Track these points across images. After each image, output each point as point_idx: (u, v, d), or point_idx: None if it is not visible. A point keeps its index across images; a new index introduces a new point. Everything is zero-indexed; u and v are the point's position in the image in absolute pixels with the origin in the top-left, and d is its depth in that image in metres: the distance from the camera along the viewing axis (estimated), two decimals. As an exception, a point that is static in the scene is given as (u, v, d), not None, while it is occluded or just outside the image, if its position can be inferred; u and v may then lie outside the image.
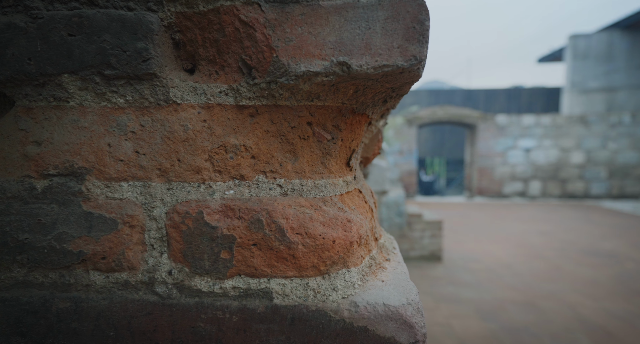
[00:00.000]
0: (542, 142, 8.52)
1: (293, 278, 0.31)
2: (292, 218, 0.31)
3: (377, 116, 0.48)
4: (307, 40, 0.28)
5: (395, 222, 3.97)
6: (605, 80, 11.45)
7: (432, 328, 2.50)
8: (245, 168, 0.32)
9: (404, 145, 8.75)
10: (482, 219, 6.33)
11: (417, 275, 3.55)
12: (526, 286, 3.22)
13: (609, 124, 8.31)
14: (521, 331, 2.40)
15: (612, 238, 4.86)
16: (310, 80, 0.30)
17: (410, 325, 0.30)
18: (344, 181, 0.37)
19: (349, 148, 0.38)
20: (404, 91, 0.37)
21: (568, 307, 2.77)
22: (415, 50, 0.28)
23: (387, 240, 0.48)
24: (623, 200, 8.30)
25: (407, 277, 0.37)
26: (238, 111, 0.32)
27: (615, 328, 2.41)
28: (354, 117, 0.37)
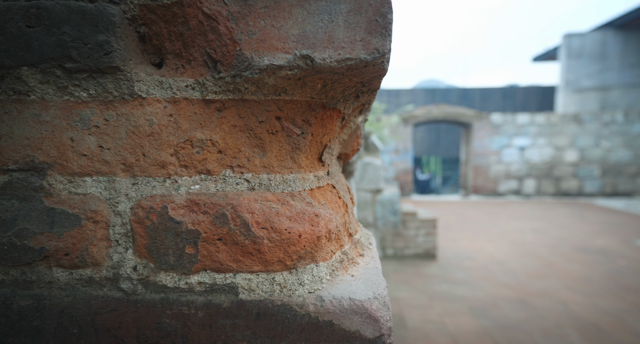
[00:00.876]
0: (537, 141, 8.59)
1: (259, 273, 0.31)
2: (257, 213, 0.30)
3: (352, 111, 0.48)
4: (270, 34, 0.28)
5: (390, 220, 3.99)
6: (599, 79, 11.55)
7: (425, 326, 2.51)
8: (212, 163, 0.32)
9: (400, 144, 8.77)
10: (477, 217, 6.37)
11: (412, 273, 3.57)
12: (519, 283, 3.25)
13: (602, 123, 8.39)
14: (513, 328, 2.43)
15: (604, 235, 4.91)
16: (274, 74, 0.30)
17: (375, 319, 0.30)
18: (315, 176, 0.37)
19: (321, 143, 0.38)
20: (374, 86, 0.37)
21: (559, 303, 2.80)
22: (378, 44, 0.28)
23: (363, 236, 0.48)
24: (616, 197, 8.39)
25: (378, 272, 0.37)
26: (205, 105, 0.32)
27: (605, 323, 2.44)
28: (325, 111, 0.37)
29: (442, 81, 20.80)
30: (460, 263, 3.81)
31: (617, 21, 11.06)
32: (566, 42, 11.83)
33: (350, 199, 0.47)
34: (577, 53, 11.77)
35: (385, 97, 13.18)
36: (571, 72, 11.79)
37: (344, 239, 0.39)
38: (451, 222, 5.90)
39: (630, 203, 7.57)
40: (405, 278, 3.43)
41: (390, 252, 4.04)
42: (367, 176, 3.92)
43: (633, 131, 8.33)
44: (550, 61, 14.17)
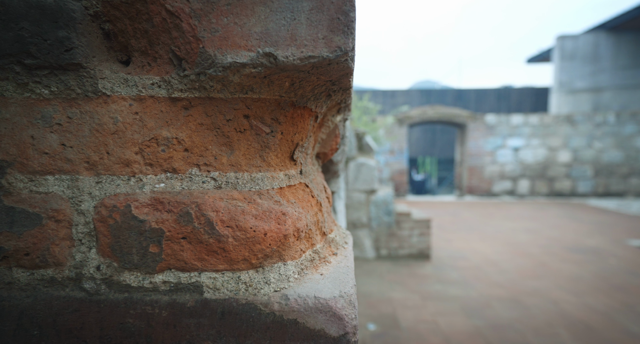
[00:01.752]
0: (530, 141, 8.67)
1: (224, 272, 0.31)
2: (222, 211, 0.30)
3: (330, 111, 0.48)
4: (233, 31, 0.28)
5: (384, 221, 4.00)
6: (592, 80, 11.69)
7: (418, 326, 2.52)
8: (178, 161, 0.31)
9: (395, 145, 8.80)
10: (472, 217, 6.41)
11: (406, 273, 3.58)
12: (512, 283, 3.27)
13: (594, 124, 8.49)
14: (505, 327, 2.44)
15: (596, 235, 4.96)
16: (239, 72, 0.29)
17: (340, 317, 0.30)
18: (285, 175, 0.37)
19: (292, 142, 0.38)
20: (345, 85, 0.37)
21: (551, 303, 2.82)
22: (340, 42, 0.28)
23: (339, 235, 0.48)
24: (608, 197, 8.49)
25: (348, 271, 0.37)
26: (171, 103, 0.31)
27: (595, 322, 2.46)
28: (295, 110, 0.37)
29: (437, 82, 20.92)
30: (454, 263, 3.83)
31: (609, 23, 11.21)
32: (559, 43, 11.96)
33: (326, 198, 0.47)
34: (570, 55, 11.90)
35: (381, 98, 13.22)
36: (564, 74, 11.92)
37: (315, 238, 0.39)
38: (446, 222, 5.93)
39: (622, 203, 7.66)
40: (399, 278, 3.44)
41: (384, 252, 4.05)
42: (361, 177, 3.93)
43: (624, 132, 8.44)
44: (544, 62, 14.32)
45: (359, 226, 4.01)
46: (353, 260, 0.44)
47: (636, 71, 11.35)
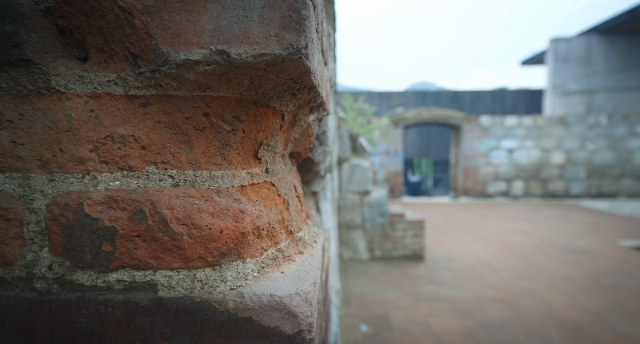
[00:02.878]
0: (524, 143, 8.73)
1: (180, 270, 0.30)
2: (177, 209, 0.30)
3: (301, 110, 0.48)
4: (186, 28, 0.28)
5: (378, 222, 4.00)
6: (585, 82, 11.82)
7: (410, 327, 2.52)
8: (134, 159, 0.31)
9: (390, 146, 8.83)
10: (466, 219, 6.43)
11: (399, 274, 3.58)
12: (504, 283, 3.28)
13: (587, 125, 8.58)
14: (496, 328, 2.45)
15: (588, 235, 5.00)
16: (193, 69, 0.29)
17: (294, 315, 0.30)
18: (248, 173, 0.37)
19: (255, 141, 0.38)
20: (307, 83, 0.37)
21: (542, 303, 2.84)
22: (292, 39, 0.28)
23: (309, 234, 0.48)
24: (601, 198, 8.57)
25: (312, 269, 0.37)
26: (129, 101, 0.31)
27: (585, 322, 2.48)
28: (257, 109, 0.37)
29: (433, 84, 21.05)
30: (448, 264, 3.84)
31: (601, 27, 11.36)
32: (553, 46, 12.09)
33: (296, 197, 0.47)
34: (563, 57, 12.03)
35: (377, 100, 13.27)
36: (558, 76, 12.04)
37: (280, 236, 0.39)
38: (440, 224, 5.95)
39: (614, 204, 7.73)
40: (392, 279, 3.44)
41: (378, 253, 4.05)
42: (355, 178, 3.94)
43: (616, 133, 8.54)
44: (538, 65, 14.46)
45: (353, 227, 4.01)
46: (321, 258, 0.44)
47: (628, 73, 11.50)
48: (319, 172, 0.82)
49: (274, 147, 0.43)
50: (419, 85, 23.45)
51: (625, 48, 11.43)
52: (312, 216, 0.84)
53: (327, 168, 0.95)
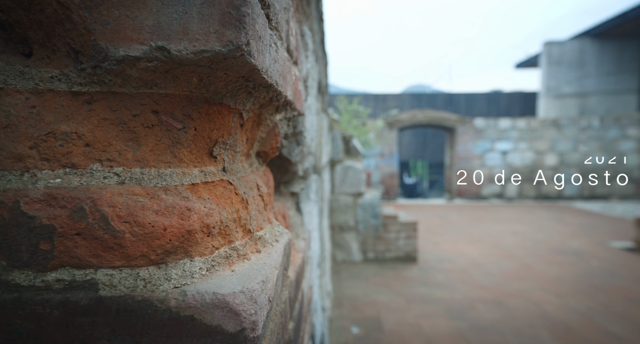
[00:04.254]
0: (518, 145, 8.80)
1: (122, 268, 0.30)
2: (120, 207, 0.30)
3: (259, 109, 0.48)
4: (125, 24, 0.28)
5: (371, 224, 4.00)
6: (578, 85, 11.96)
7: (401, 328, 2.52)
8: (78, 157, 0.31)
9: (385, 148, 8.85)
10: (460, 220, 6.45)
11: (392, 276, 3.58)
12: (496, 285, 3.29)
13: (579, 128, 8.66)
14: (487, 329, 2.45)
15: (580, 237, 5.04)
16: (135, 66, 0.29)
17: (237, 313, 0.29)
18: (201, 171, 0.37)
19: (209, 139, 0.38)
20: (260, 81, 0.37)
21: (533, 304, 2.84)
22: (232, 36, 0.28)
23: (271, 233, 0.47)
24: (593, 200, 8.64)
25: (265, 267, 0.37)
26: (73, 97, 0.31)
27: (575, 322, 2.49)
28: (210, 106, 0.36)
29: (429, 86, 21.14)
30: (441, 266, 3.85)
31: (593, 30, 11.51)
32: (546, 49, 12.23)
33: (259, 196, 0.47)
34: (557, 60, 12.17)
35: (373, 102, 13.31)
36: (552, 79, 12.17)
37: (234, 235, 0.38)
38: (434, 225, 5.96)
39: (606, 206, 7.80)
40: (385, 281, 3.44)
41: (371, 255, 4.05)
42: (348, 180, 3.94)
43: (608, 136, 8.63)
44: (532, 68, 14.61)
45: (346, 229, 4.01)
46: (280, 257, 0.43)
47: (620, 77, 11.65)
48: (296, 172, 0.82)
49: (233, 146, 0.43)
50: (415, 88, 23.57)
51: (617, 51, 11.59)
52: (290, 217, 0.84)
53: (307, 169, 0.95)
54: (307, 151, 0.91)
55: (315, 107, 1.22)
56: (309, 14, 0.92)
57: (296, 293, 0.61)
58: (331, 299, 2.89)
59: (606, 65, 11.74)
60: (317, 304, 1.35)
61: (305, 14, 0.85)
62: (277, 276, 0.41)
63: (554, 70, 12.15)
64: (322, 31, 1.61)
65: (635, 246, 4.22)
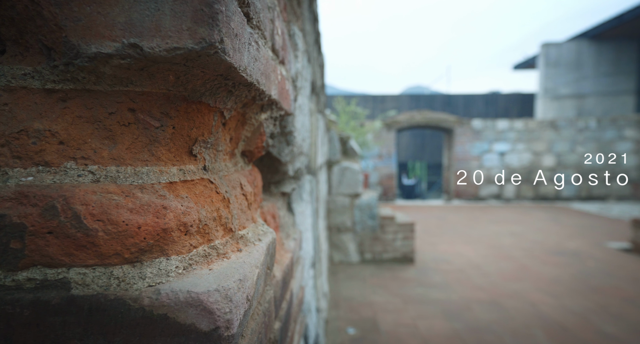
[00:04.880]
0: (516, 146, 8.82)
1: (96, 267, 0.30)
2: (93, 205, 0.30)
3: (243, 108, 0.47)
4: (97, 21, 0.28)
5: (368, 225, 4.00)
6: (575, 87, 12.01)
7: (397, 329, 2.51)
8: (51, 154, 0.31)
9: (383, 149, 8.86)
10: (458, 221, 6.45)
11: (389, 277, 3.57)
12: (493, 285, 3.29)
13: (576, 129, 8.69)
14: (483, 330, 2.45)
15: (577, 238, 5.04)
16: (108, 63, 0.29)
17: (210, 311, 0.29)
18: (179, 170, 0.37)
19: (188, 137, 0.37)
20: (239, 79, 0.37)
21: (530, 305, 2.84)
22: (205, 33, 0.28)
23: (254, 232, 0.47)
24: (591, 201, 8.66)
25: (243, 266, 0.37)
26: (47, 95, 0.31)
27: (571, 323, 2.49)
28: (189, 105, 0.36)
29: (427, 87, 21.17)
30: (438, 267, 3.84)
31: (590, 32, 11.57)
32: (544, 51, 12.28)
33: (242, 195, 0.47)
34: (554, 62, 12.22)
35: (371, 103, 13.33)
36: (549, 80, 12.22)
37: (214, 234, 0.38)
38: (432, 226, 5.96)
39: (603, 207, 7.82)
40: (382, 282, 3.43)
41: (368, 256, 4.04)
42: (345, 181, 3.94)
43: (605, 137, 8.66)
44: (530, 69, 14.67)
45: (343, 230, 4.00)
46: (262, 256, 0.43)
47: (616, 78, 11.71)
48: (286, 172, 0.82)
49: (215, 145, 0.43)
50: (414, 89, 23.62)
51: (614, 53, 11.65)
52: (280, 217, 0.84)
53: (298, 170, 0.95)
54: (298, 151, 0.91)
55: (308, 107, 1.22)
56: (300, 15, 0.92)
57: (283, 293, 0.61)
58: (328, 300, 2.88)
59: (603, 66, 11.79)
60: (310, 305, 1.35)
61: (296, 14, 0.85)
62: (258, 275, 0.41)
63: (552, 72, 12.20)
64: (316, 32, 1.61)
65: (632, 246, 4.23)
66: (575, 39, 12.04)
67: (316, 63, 1.71)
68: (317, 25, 1.61)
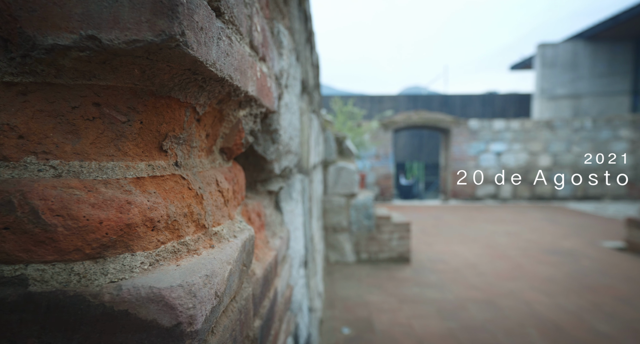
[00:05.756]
0: (512, 146, 8.85)
1: (55, 263, 0.29)
2: (53, 200, 0.29)
3: (219, 104, 0.47)
4: (53, 11, 0.27)
5: (364, 225, 4.00)
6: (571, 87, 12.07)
7: (392, 329, 2.51)
8: (10, 149, 0.30)
9: (380, 149, 8.86)
10: (454, 221, 6.46)
11: (385, 276, 3.57)
12: (488, 285, 3.29)
13: (572, 129, 8.73)
14: (478, 329, 2.45)
15: (573, 237, 5.06)
16: (67, 55, 0.29)
17: (172, 307, 0.29)
18: (148, 165, 0.36)
19: (158, 133, 0.37)
20: (208, 74, 0.36)
21: (524, 304, 2.85)
22: (164, 25, 0.28)
23: (229, 229, 0.47)
24: (586, 201, 8.70)
25: (213, 262, 0.36)
26: (5, 88, 0.30)
27: (565, 321, 2.50)
28: (157, 100, 0.36)
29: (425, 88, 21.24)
30: (434, 266, 3.85)
31: (586, 33, 11.64)
32: (540, 51, 12.34)
33: (218, 192, 0.47)
34: (550, 62, 12.27)
35: (369, 103, 13.34)
36: (546, 81, 12.28)
37: (185, 230, 0.38)
38: (428, 226, 5.96)
39: (599, 206, 7.86)
40: (377, 282, 3.43)
41: (364, 256, 4.04)
42: (341, 181, 3.94)
43: (601, 137, 8.71)
44: (526, 70, 14.73)
45: (339, 230, 4.00)
46: (237, 252, 0.43)
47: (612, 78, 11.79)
48: (272, 170, 0.81)
49: (188, 141, 0.43)
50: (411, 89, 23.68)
51: (609, 54, 11.73)
52: (267, 215, 0.83)
53: (285, 168, 0.95)
54: (285, 150, 0.91)
55: (298, 106, 1.22)
56: (287, 13, 0.92)
57: (264, 291, 0.61)
58: (323, 300, 2.88)
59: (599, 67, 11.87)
60: (302, 304, 1.34)
61: (282, 12, 0.84)
62: (231, 272, 0.41)
63: (548, 72, 12.27)
64: (307, 30, 1.61)
65: (626, 246, 4.25)
66: (571, 40, 12.11)
67: (308, 62, 1.71)
68: (308, 24, 1.61)
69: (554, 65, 12.24)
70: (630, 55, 11.49)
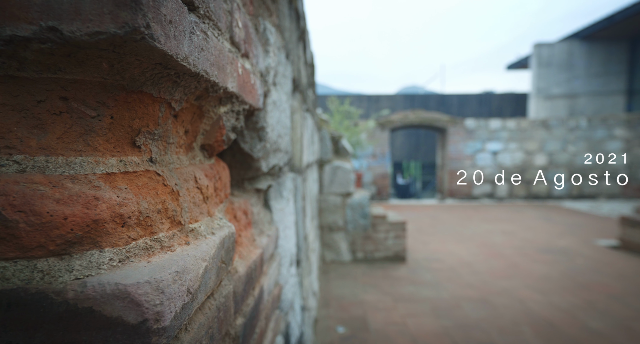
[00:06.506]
0: (508, 145, 8.89)
1: (17, 260, 0.29)
2: (15, 195, 0.29)
3: (206, 101, 0.47)
4: (10, 2, 0.27)
5: (360, 224, 4.00)
6: (567, 87, 12.14)
7: (387, 328, 2.51)
8: (-28, 143, 0.30)
9: (377, 148, 8.87)
10: (451, 220, 6.48)
11: (380, 275, 3.58)
12: (483, 283, 3.31)
13: (568, 128, 8.78)
14: (472, 327, 2.46)
15: (567, 235, 5.09)
16: (28, 47, 0.28)
17: (138, 304, 0.28)
18: (119, 161, 0.36)
19: (130, 128, 0.36)
20: (179, 69, 0.36)
21: (519, 302, 2.86)
22: (127, 17, 0.27)
23: (207, 226, 0.46)
24: (581, 199, 8.76)
25: (186, 259, 0.36)
26: (-32, 82, 0.30)
27: (558, 319, 2.51)
28: (129, 95, 0.35)
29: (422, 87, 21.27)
30: (429, 265, 3.86)
31: (581, 33, 11.71)
32: (536, 51, 12.39)
33: (196, 188, 0.46)
34: (546, 62, 12.33)
35: (366, 103, 13.35)
36: (542, 80, 12.33)
37: (158, 226, 0.37)
38: (424, 225, 5.98)
39: (594, 205, 7.92)
40: (373, 280, 3.43)
41: (360, 255, 4.04)
42: (337, 180, 3.94)
43: (596, 136, 8.76)
44: (523, 69, 14.79)
45: (335, 229, 4.00)
46: (214, 249, 0.42)
47: (608, 78, 11.86)
48: (259, 168, 0.81)
49: (164, 137, 0.42)
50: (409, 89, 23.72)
51: (605, 54, 11.80)
52: (254, 213, 0.83)
53: (274, 166, 0.94)
54: (274, 147, 0.90)
55: (289, 104, 1.21)
56: (274, 10, 0.91)
57: (247, 288, 0.60)
58: (318, 299, 2.87)
59: (594, 66, 11.94)
60: (293, 303, 1.34)
61: (269, 9, 0.84)
62: (206, 269, 0.40)
63: (544, 72, 12.33)
64: (299, 29, 1.60)
65: (620, 244, 4.28)
66: (567, 40, 12.17)
67: (300, 60, 1.70)
68: (301, 22, 1.60)
69: (549, 65, 12.30)
70: (625, 55, 11.57)
